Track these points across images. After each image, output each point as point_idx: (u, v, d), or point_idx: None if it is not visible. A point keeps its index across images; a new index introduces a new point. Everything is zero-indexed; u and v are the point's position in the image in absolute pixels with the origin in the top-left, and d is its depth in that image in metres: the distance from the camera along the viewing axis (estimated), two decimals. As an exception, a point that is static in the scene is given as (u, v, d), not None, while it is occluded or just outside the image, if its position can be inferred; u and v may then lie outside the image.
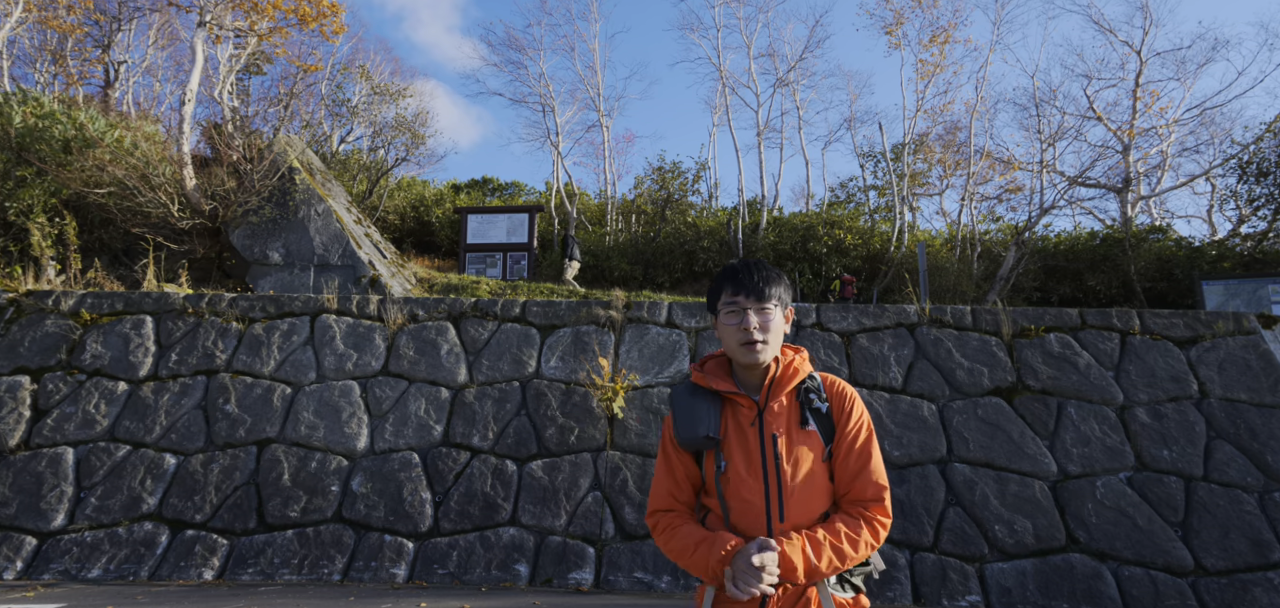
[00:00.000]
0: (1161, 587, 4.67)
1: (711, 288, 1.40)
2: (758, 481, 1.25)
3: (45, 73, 16.29)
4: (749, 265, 1.34)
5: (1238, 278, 8.96)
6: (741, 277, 1.32)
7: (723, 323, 1.34)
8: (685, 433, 1.31)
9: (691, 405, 1.33)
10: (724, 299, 1.33)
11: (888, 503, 1.30)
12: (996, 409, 5.61)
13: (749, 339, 1.28)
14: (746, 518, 1.24)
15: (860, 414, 1.36)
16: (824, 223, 13.59)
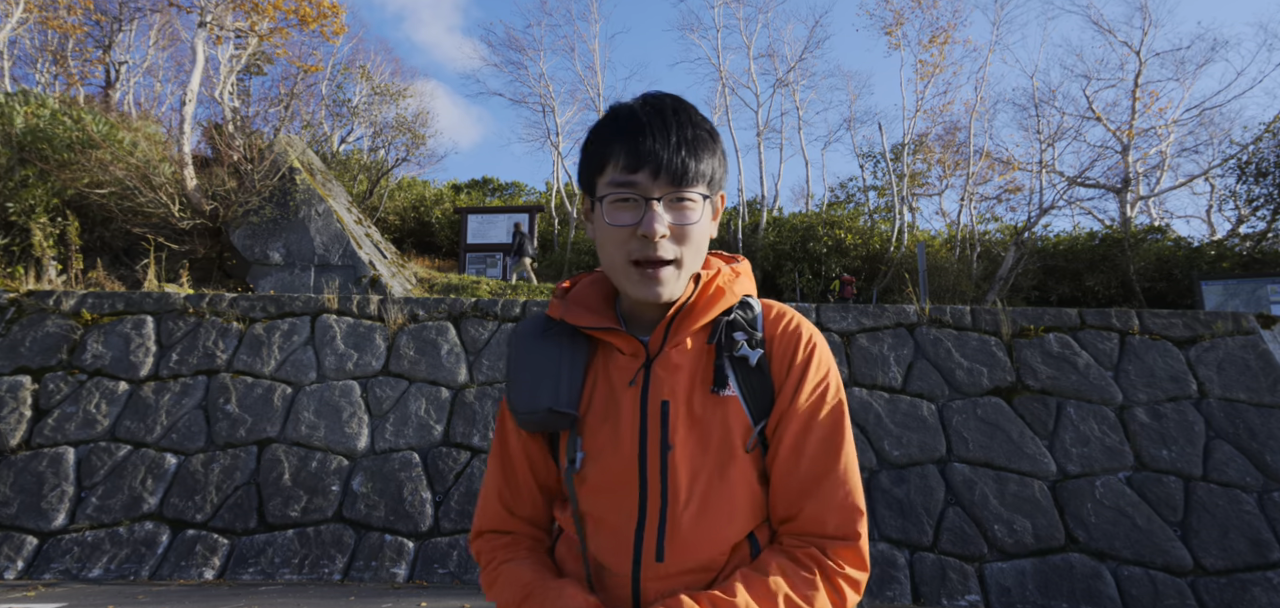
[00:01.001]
0: (1161, 586, 4.68)
1: (586, 150, 0.81)
2: (629, 484, 0.76)
3: (46, 73, 16.31)
4: (657, 111, 0.77)
5: (1237, 278, 8.98)
6: (643, 136, 0.74)
7: (604, 220, 0.77)
8: (523, 402, 0.80)
9: (536, 357, 0.82)
10: (611, 178, 0.76)
11: (863, 543, 0.74)
12: (996, 409, 5.62)
13: (652, 257, 0.75)
14: (606, 550, 0.77)
15: (822, 376, 0.81)
16: (824, 223, 13.61)
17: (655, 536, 0.75)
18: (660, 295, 0.77)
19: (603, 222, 0.77)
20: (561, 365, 0.81)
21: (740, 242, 13.82)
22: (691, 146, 0.76)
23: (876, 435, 5.56)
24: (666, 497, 0.75)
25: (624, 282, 0.79)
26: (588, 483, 0.79)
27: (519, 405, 0.81)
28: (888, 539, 5.07)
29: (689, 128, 0.77)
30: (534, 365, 0.82)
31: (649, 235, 0.74)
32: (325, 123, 18.47)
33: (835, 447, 0.77)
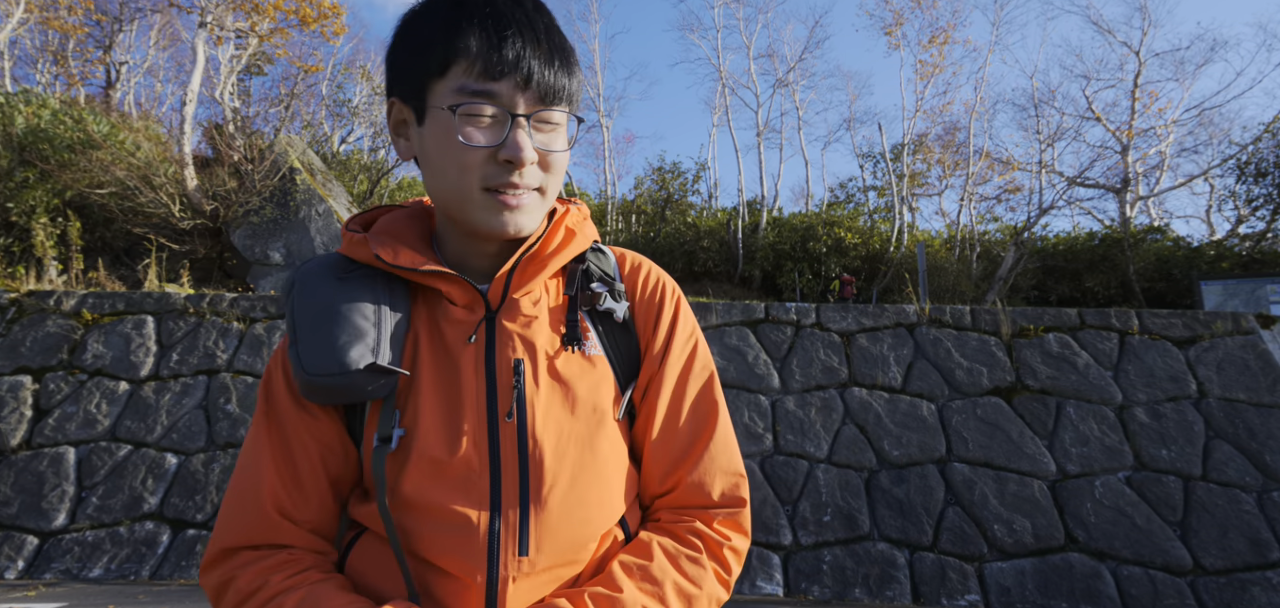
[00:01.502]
0: (1160, 586, 4.69)
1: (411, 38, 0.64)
2: (475, 465, 0.61)
3: (47, 73, 16.32)
4: (516, 1, 0.63)
5: (1236, 278, 8.98)
6: (507, 33, 0.60)
7: (451, 136, 0.61)
8: (321, 362, 0.60)
9: (339, 305, 0.62)
10: (460, 84, 0.61)
11: (746, 511, 0.68)
12: (995, 409, 5.62)
13: (509, 183, 0.62)
14: (445, 549, 0.60)
15: (690, 331, 0.74)
16: (823, 223, 13.62)
17: (517, 526, 0.59)
18: (520, 227, 0.63)
19: (444, 138, 0.61)
20: (379, 313, 0.62)
21: (740, 241, 13.83)
22: (563, 55, 0.63)
23: (876, 435, 5.57)
24: (528, 477, 0.61)
25: (470, 211, 0.62)
26: (412, 467, 0.61)
27: (315, 367, 0.58)
28: (887, 539, 5.07)
29: (556, 31, 0.64)
30: (336, 315, 0.60)
31: (515, 160, 0.60)
32: (325, 123, 18.49)
33: (712, 408, 0.69)
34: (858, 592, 4.86)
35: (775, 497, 5.32)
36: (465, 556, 0.59)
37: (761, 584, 4.94)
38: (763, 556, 5.06)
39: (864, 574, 4.93)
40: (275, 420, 0.66)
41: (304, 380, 0.61)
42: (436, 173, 0.64)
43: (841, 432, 5.62)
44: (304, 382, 0.61)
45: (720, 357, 6.11)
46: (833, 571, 4.97)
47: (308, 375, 0.60)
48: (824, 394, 5.84)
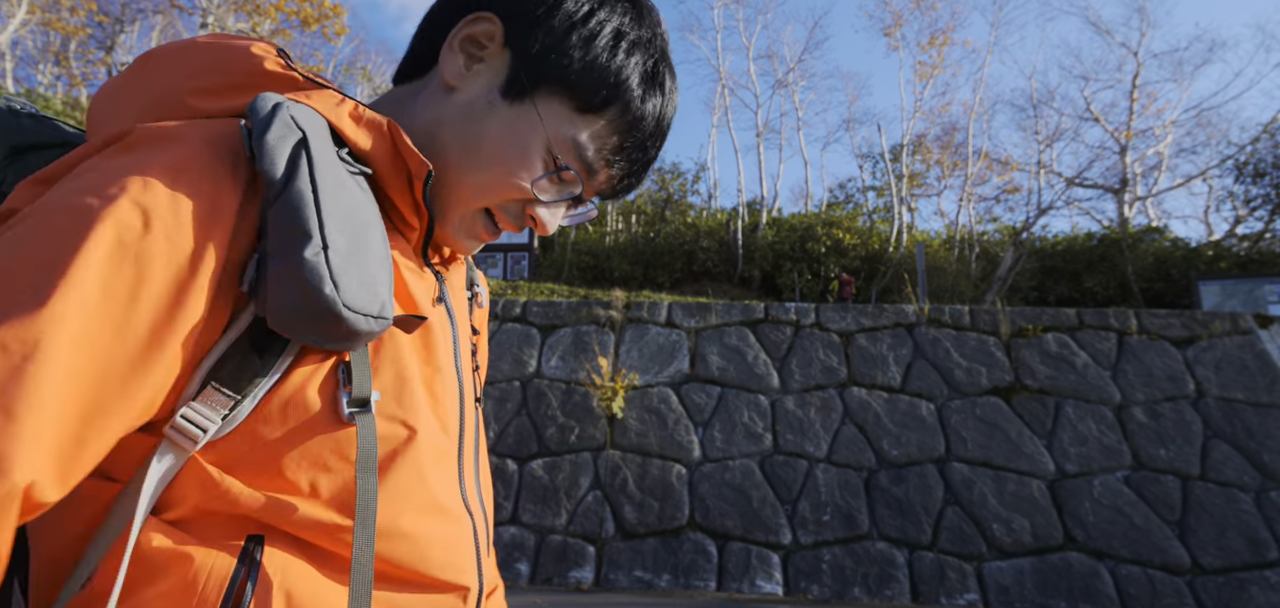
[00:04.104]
0: (1159, 585, 4.71)
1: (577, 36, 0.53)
2: (450, 447, 0.53)
3: (48, 74, 16.35)
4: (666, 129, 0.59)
5: (1234, 278, 9.01)
6: (648, 145, 0.57)
7: (525, 136, 0.53)
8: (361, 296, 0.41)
9: (365, 210, 0.45)
10: (581, 134, 0.54)
11: None
12: (994, 409, 5.64)
13: (507, 226, 0.57)
14: (443, 556, 0.49)
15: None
16: (823, 223, 13.64)
17: (485, 519, 0.56)
18: (473, 251, 0.59)
19: (516, 138, 0.52)
20: (381, 231, 0.46)
21: (740, 241, 13.86)
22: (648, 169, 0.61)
23: (875, 435, 5.59)
24: (479, 463, 0.58)
25: (453, 204, 0.54)
26: (405, 445, 0.47)
27: (357, 300, 0.41)
28: (887, 538, 5.09)
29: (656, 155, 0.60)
30: (369, 226, 0.44)
31: (535, 225, 0.56)
32: (325, 124, 18.52)
33: None
34: (857, 591, 4.88)
35: (774, 496, 5.34)
36: (466, 561, 0.50)
37: (761, 583, 4.96)
38: (762, 555, 5.08)
39: (863, 574, 4.95)
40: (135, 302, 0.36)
41: (321, 309, 0.39)
42: (473, 147, 0.53)
43: (841, 431, 5.64)
44: (320, 310, 0.39)
45: (720, 356, 6.14)
46: (832, 570, 4.99)
47: (344, 309, 0.40)
48: (823, 394, 5.86)
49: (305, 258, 0.38)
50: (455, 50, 0.54)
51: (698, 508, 5.30)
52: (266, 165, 0.39)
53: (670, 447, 5.61)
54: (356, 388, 0.44)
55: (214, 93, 0.47)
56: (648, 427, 5.76)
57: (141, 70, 0.49)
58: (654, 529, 5.22)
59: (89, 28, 16.15)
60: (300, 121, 0.42)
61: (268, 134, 0.40)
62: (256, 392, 0.41)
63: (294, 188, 0.40)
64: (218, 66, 0.48)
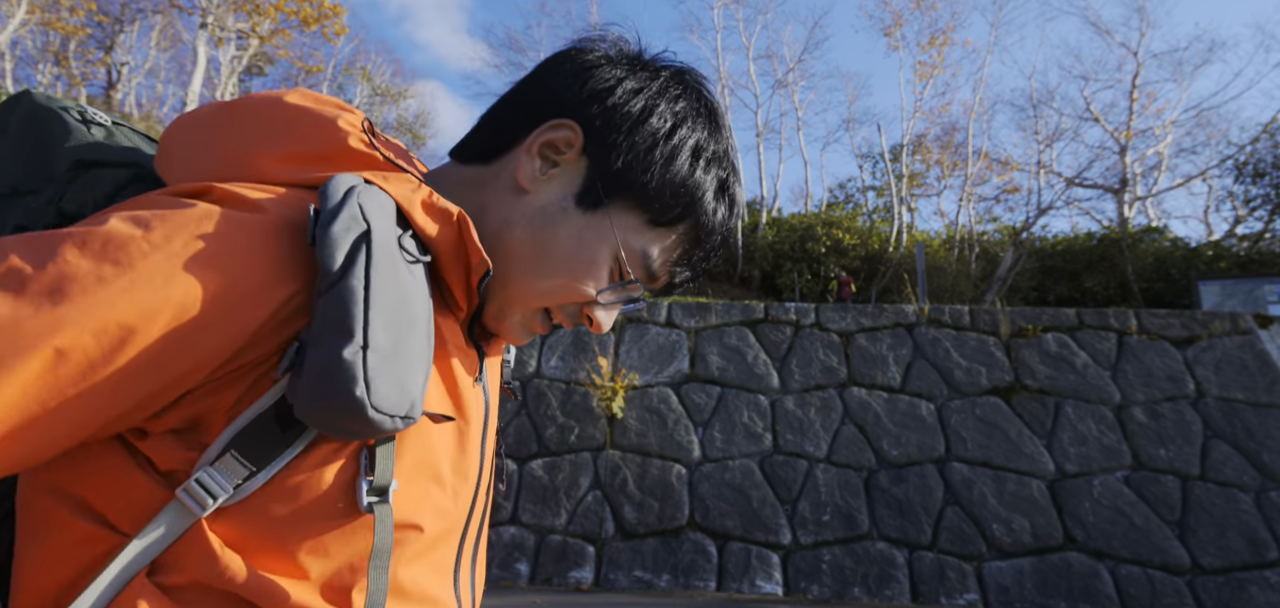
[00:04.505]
0: (1158, 585, 4.71)
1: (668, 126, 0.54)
2: (453, 534, 0.52)
3: (48, 74, 16.35)
4: (728, 236, 0.59)
5: (1234, 278, 9.01)
6: (703, 258, 0.58)
7: (594, 246, 0.53)
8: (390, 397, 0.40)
9: (415, 303, 0.44)
10: (655, 242, 0.55)
11: None
12: (994, 409, 5.64)
13: (561, 323, 0.57)
14: None
15: None
16: (822, 223, 13.64)
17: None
18: (521, 344, 0.59)
19: (586, 246, 0.53)
20: (429, 320, 0.46)
21: (740, 242, 13.86)
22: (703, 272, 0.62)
23: (875, 435, 5.59)
24: (478, 547, 0.57)
25: (512, 301, 0.54)
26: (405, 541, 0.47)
27: (386, 401, 0.40)
28: (887, 538, 5.09)
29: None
30: (414, 322, 0.44)
31: (590, 324, 0.56)
32: (325, 124, 18.54)
33: None
34: (857, 591, 4.88)
35: (774, 496, 5.34)
36: None
37: (760, 583, 4.96)
38: (762, 555, 5.08)
39: (863, 574, 4.95)
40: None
41: (349, 408, 0.39)
42: (542, 252, 0.52)
43: (841, 431, 5.64)
44: (348, 409, 0.39)
45: (720, 356, 6.14)
46: (832, 570, 4.99)
47: (371, 411, 0.39)
48: (823, 394, 5.86)
49: (343, 357, 0.38)
50: (532, 155, 0.53)
51: (698, 508, 5.30)
52: (323, 257, 0.40)
53: (670, 447, 5.61)
54: (378, 477, 0.44)
55: (294, 161, 0.47)
56: (648, 427, 5.75)
57: (227, 117, 0.49)
58: (654, 529, 5.22)
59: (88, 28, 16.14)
60: (367, 212, 0.42)
61: (333, 225, 0.40)
62: (272, 468, 0.41)
63: (345, 284, 0.39)
64: (303, 135, 0.48)
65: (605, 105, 0.53)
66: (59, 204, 0.49)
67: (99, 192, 0.49)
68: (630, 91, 0.53)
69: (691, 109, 0.55)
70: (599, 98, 0.53)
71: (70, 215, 0.49)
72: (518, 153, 0.53)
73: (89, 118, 0.53)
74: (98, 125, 0.53)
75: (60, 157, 0.50)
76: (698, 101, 0.56)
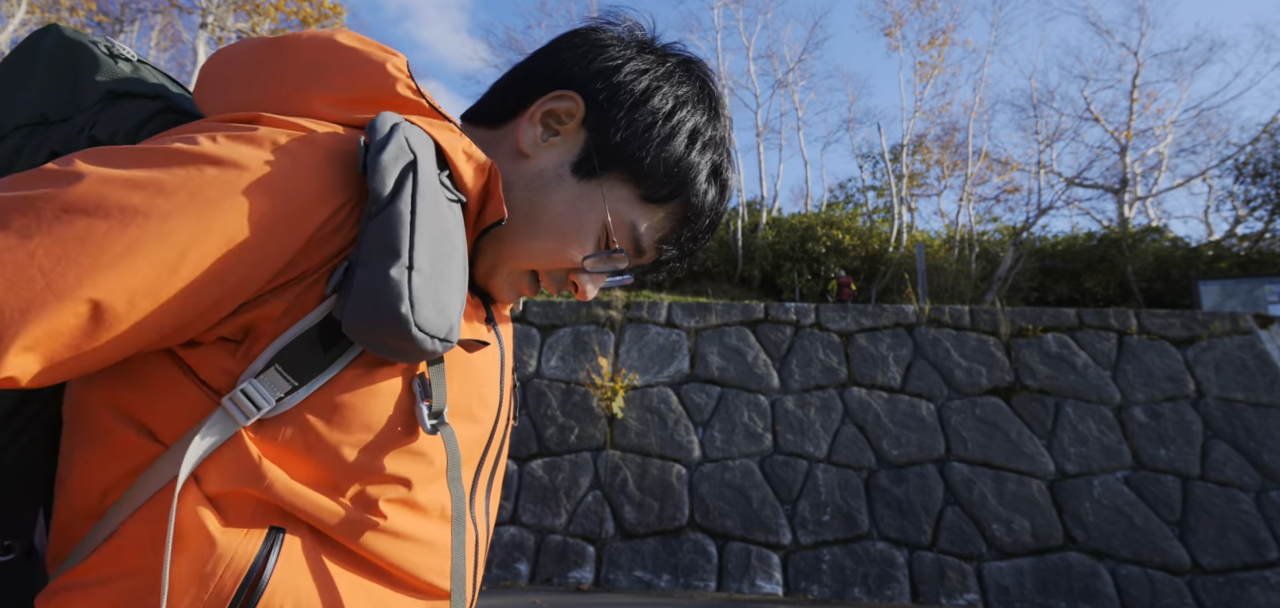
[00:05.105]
0: (1158, 586, 4.71)
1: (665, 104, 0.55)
2: (472, 463, 0.54)
3: (46, 74, 16.33)
4: (717, 220, 0.61)
5: (1234, 278, 9.01)
6: (697, 237, 0.60)
7: (585, 212, 0.55)
8: (434, 318, 0.43)
9: (455, 235, 0.47)
10: (641, 221, 0.56)
11: None
12: (994, 409, 5.64)
13: (543, 290, 0.59)
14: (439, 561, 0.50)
15: None
16: (822, 223, 13.64)
17: (482, 545, 0.57)
18: (507, 303, 0.61)
19: (578, 212, 0.54)
20: (464, 254, 0.48)
21: (739, 241, 13.86)
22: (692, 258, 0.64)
23: (875, 435, 5.59)
24: (494, 478, 0.59)
25: (505, 262, 0.55)
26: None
27: (430, 322, 0.42)
28: (887, 538, 5.09)
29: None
30: (454, 252, 0.46)
31: (576, 291, 0.58)
32: (325, 124, 18.52)
33: None
34: (857, 591, 4.88)
35: (774, 496, 5.34)
36: (433, 567, 0.50)
37: (761, 583, 4.96)
38: (762, 555, 5.08)
39: (863, 574, 4.95)
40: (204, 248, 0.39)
41: (394, 324, 0.40)
42: (535, 214, 0.54)
43: (841, 431, 5.64)
44: (393, 325, 0.40)
45: (720, 357, 6.14)
46: (832, 570, 4.99)
47: (415, 328, 0.41)
48: (823, 394, 5.86)
49: (391, 274, 0.40)
50: (535, 122, 0.55)
51: (697, 508, 5.30)
52: (375, 181, 0.41)
53: (670, 447, 5.61)
54: (436, 401, 0.47)
55: (345, 103, 0.48)
56: (648, 427, 5.75)
57: (278, 53, 0.50)
58: (654, 529, 5.22)
59: (88, 27, 16.15)
60: (413, 145, 0.44)
61: (383, 153, 0.42)
62: (314, 384, 0.43)
63: (395, 207, 0.41)
64: (354, 77, 0.49)
65: (610, 82, 0.55)
66: (91, 132, 0.51)
67: (129, 121, 0.51)
68: (636, 71, 0.55)
69: (694, 95, 0.57)
70: (605, 75, 0.55)
71: (101, 141, 0.50)
72: (521, 120, 0.56)
73: (116, 53, 0.56)
74: (124, 60, 0.56)
75: (90, 87, 0.52)
76: (701, 89, 0.58)
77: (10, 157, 0.51)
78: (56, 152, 0.50)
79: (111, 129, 0.50)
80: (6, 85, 0.54)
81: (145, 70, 0.57)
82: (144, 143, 0.41)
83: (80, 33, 0.57)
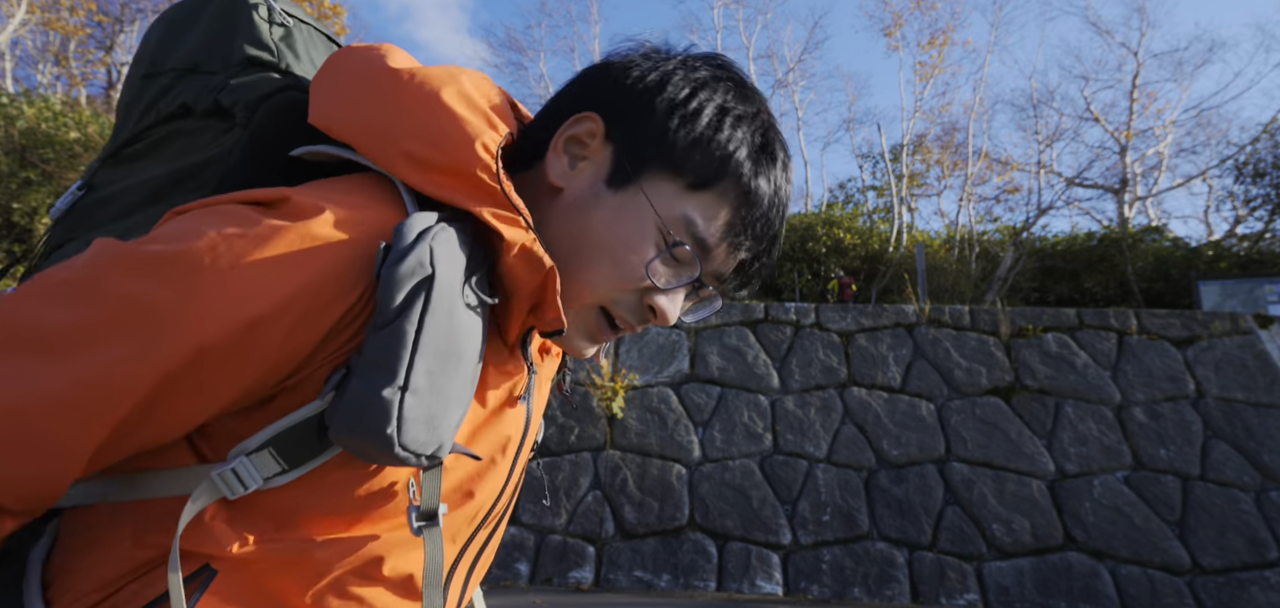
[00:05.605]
0: (1158, 585, 4.71)
1: (682, 90, 0.53)
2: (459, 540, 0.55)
3: (48, 74, 16.35)
4: (781, 199, 0.56)
5: (1234, 278, 9.01)
6: (778, 208, 0.56)
7: (637, 227, 0.52)
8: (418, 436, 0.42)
9: (464, 340, 0.45)
10: (698, 209, 0.52)
11: None
12: (994, 409, 5.64)
13: (626, 322, 0.55)
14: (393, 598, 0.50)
15: None
16: (823, 223, 13.64)
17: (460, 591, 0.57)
18: (584, 355, 0.57)
19: (626, 229, 0.51)
20: (480, 354, 0.47)
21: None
22: (771, 260, 0.59)
23: (875, 435, 5.59)
24: (480, 556, 0.59)
25: (572, 313, 0.53)
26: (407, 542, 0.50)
27: (413, 439, 0.42)
28: (887, 538, 5.09)
29: (777, 246, 0.58)
30: (460, 360, 0.45)
31: (656, 314, 0.53)
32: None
33: None
34: (857, 591, 4.88)
35: (774, 496, 5.34)
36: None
37: (761, 583, 4.96)
38: (762, 555, 5.08)
39: (863, 574, 4.95)
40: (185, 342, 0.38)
41: (378, 443, 0.41)
42: (581, 241, 0.52)
43: (841, 431, 5.64)
44: (376, 443, 0.41)
45: (720, 356, 6.14)
46: (832, 570, 4.99)
47: (398, 448, 0.41)
48: (823, 394, 5.86)
49: (382, 395, 0.40)
50: (559, 152, 0.54)
51: (698, 508, 5.30)
52: (383, 295, 0.41)
53: (670, 447, 5.61)
54: (425, 502, 0.47)
55: (426, 170, 0.47)
56: (648, 427, 5.75)
57: (391, 90, 0.48)
58: (654, 529, 5.22)
59: (89, 28, 16.15)
60: (436, 258, 0.42)
61: (399, 267, 0.41)
62: (301, 470, 0.44)
63: (398, 325, 0.41)
64: (440, 144, 0.47)
65: (624, 88, 0.53)
66: (216, 96, 0.52)
67: (252, 93, 0.52)
68: (648, 69, 0.54)
69: (712, 77, 0.54)
70: (618, 85, 0.54)
71: (224, 108, 0.52)
72: (547, 156, 0.54)
73: (276, 18, 0.58)
74: (279, 25, 0.58)
75: (236, 48, 0.55)
76: (721, 72, 0.55)
77: (158, 95, 0.55)
78: (188, 104, 0.53)
79: (233, 98, 0.52)
80: (177, 26, 0.57)
81: (299, 32, 0.59)
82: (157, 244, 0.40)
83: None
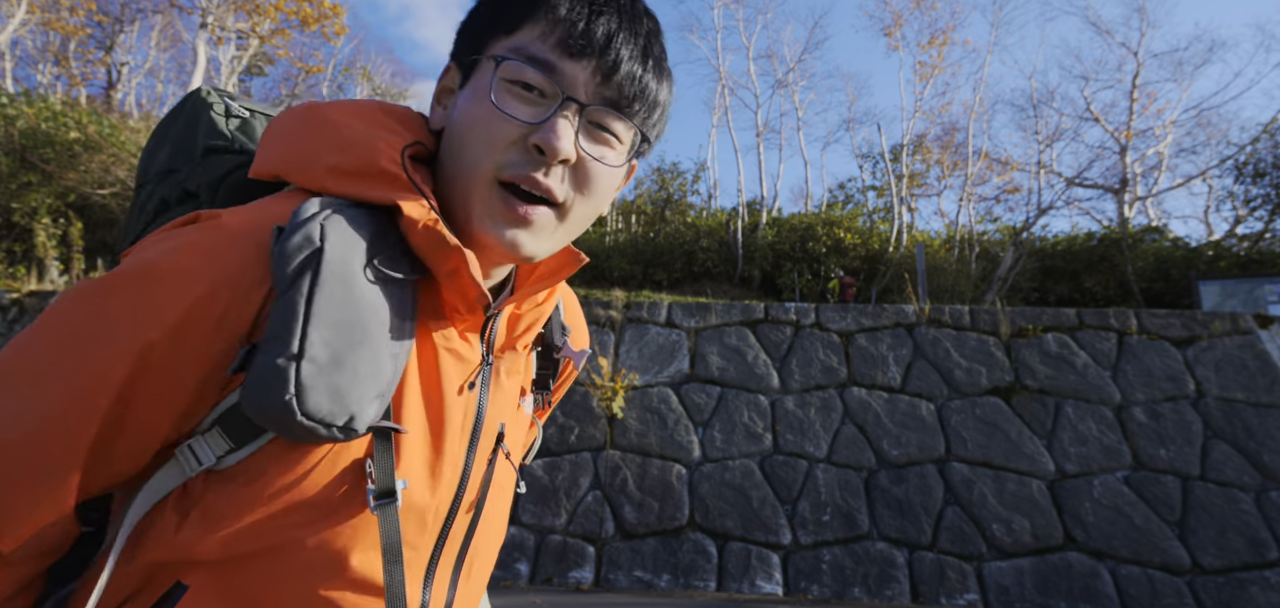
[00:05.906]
0: (1158, 586, 4.71)
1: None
2: (429, 540, 0.53)
3: (48, 74, 16.34)
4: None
5: (1234, 278, 9.01)
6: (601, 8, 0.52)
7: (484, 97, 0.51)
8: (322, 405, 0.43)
9: (367, 315, 0.46)
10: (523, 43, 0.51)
11: None
12: (994, 409, 5.64)
13: (535, 183, 0.51)
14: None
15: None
16: (823, 223, 13.64)
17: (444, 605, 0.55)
18: (527, 251, 0.51)
19: (478, 100, 0.51)
20: (402, 333, 0.47)
21: (739, 241, 13.86)
22: (657, 63, 0.54)
23: (875, 435, 5.59)
24: (464, 559, 0.56)
25: (474, 204, 0.50)
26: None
27: (316, 407, 0.42)
28: (886, 539, 5.09)
29: (658, 41, 0.55)
30: (366, 333, 0.45)
31: (544, 147, 0.49)
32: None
33: None
34: (857, 591, 4.88)
35: (774, 496, 5.34)
36: None
37: (760, 584, 4.96)
38: (762, 555, 5.08)
39: (863, 574, 4.95)
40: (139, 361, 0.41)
41: (277, 410, 0.41)
42: (455, 145, 0.52)
43: (841, 431, 5.64)
44: (277, 412, 0.41)
45: (720, 357, 6.14)
46: (832, 570, 4.99)
47: (299, 416, 0.42)
48: (823, 394, 5.86)
49: (276, 363, 0.42)
50: (435, 105, 0.58)
51: (698, 508, 5.30)
52: (273, 270, 0.44)
53: (670, 447, 5.61)
54: (379, 480, 0.47)
55: (342, 176, 0.50)
56: (648, 427, 5.76)
57: (310, 124, 0.53)
58: (654, 529, 5.22)
59: (88, 28, 16.14)
60: (325, 234, 0.44)
61: (287, 243, 0.43)
62: (250, 448, 0.46)
63: (288, 296, 0.43)
64: (350, 151, 0.50)
65: (459, 34, 0.58)
66: (185, 185, 0.59)
67: (215, 173, 0.59)
68: (470, 12, 0.57)
69: None
70: (458, 35, 0.58)
71: (191, 192, 0.59)
72: (430, 115, 0.60)
73: (233, 112, 0.64)
74: (235, 117, 0.64)
75: (198, 143, 0.62)
76: None
77: (145, 200, 0.62)
78: (165, 199, 0.60)
79: (198, 181, 0.58)
80: (156, 141, 0.65)
81: (257, 121, 0.65)
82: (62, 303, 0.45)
83: (213, 91, 0.66)
